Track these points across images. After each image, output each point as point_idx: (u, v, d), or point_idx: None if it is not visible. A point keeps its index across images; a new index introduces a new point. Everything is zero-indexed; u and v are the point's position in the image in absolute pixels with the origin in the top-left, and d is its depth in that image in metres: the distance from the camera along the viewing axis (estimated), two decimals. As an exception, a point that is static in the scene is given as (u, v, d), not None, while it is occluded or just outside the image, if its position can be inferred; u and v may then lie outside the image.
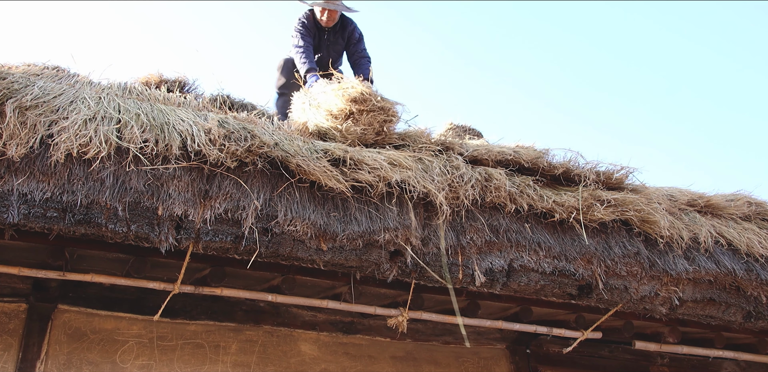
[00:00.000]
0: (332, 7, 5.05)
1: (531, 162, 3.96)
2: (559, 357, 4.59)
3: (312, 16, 5.16)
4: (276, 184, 3.17)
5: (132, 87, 3.98)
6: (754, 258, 4.02)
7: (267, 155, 3.20)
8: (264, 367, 3.86)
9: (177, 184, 2.97)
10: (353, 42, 5.26)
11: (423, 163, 3.58)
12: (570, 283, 3.63)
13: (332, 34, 5.24)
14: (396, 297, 3.86)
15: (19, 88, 3.13)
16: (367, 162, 3.35)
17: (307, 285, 3.75)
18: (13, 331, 3.45)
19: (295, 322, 4.06)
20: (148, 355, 3.64)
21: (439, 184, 3.43)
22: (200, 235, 3.00)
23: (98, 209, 2.83)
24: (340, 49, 5.32)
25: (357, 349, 4.17)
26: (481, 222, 3.48)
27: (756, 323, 4.12)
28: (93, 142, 2.90)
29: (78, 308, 3.62)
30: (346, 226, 3.17)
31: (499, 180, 3.65)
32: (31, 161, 2.80)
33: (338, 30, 5.25)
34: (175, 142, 3.06)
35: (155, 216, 2.91)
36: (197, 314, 3.84)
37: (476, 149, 3.94)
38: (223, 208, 3.00)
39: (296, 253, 3.15)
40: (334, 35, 5.24)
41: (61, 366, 3.45)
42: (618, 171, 4.14)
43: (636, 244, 3.75)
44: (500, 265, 3.46)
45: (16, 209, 2.74)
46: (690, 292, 3.85)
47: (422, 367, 4.26)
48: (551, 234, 3.64)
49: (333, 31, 5.23)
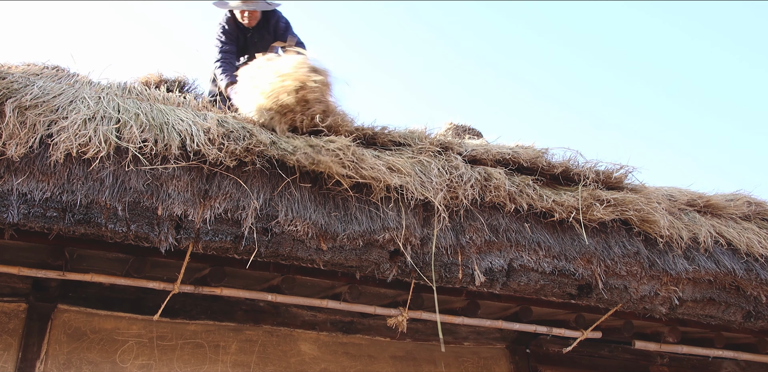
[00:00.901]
0: (251, 8, 4.82)
1: (530, 161, 3.96)
2: (558, 357, 4.59)
3: (233, 19, 4.93)
4: (276, 184, 3.18)
5: (131, 87, 3.98)
6: (753, 258, 4.02)
7: (264, 154, 3.19)
8: (264, 366, 3.86)
9: (176, 183, 2.97)
10: (281, 32, 4.99)
11: (422, 164, 3.57)
12: (570, 282, 3.64)
13: (257, 31, 5.01)
14: (396, 297, 3.86)
15: (19, 87, 3.13)
16: (368, 164, 3.34)
17: (307, 285, 3.76)
18: (12, 331, 3.45)
19: (295, 322, 4.06)
20: (148, 355, 3.64)
21: (437, 186, 3.43)
22: (200, 235, 3.01)
23: (98, 209, 2.84)
24: (268, 45, 5.01)
25: (357, 348, 4.17)
26: (481, 221, 3.48)
27: (756, 323, 4.12)
28: (92, 142, 2.91)
29: (78, 308, 3.62)
30: (347, 225, 3.17)
31: (498, 179, 3.65)
32: (31, 161, 2.80)
33: (263, 26, 5.02)
34: (174, 142, 3.06)
35: (155, 216, 2.92)
36: (197, 314, 3.84)
37: (475, 149, 3.94)
38: (223, 208, 3.00)
39: (296, 252, 3.16)
40: (259, 32, 5.01)
41: (61, 366, 3.45)
42: (617, 170, 4.14)
43: (636, 244, 3.75)
44: (500, 264, 3.46)
45: (16, 209, 2.74)
46: (690, 292, 3.85)
47: (422, 367, 4.26)
48: (551, 233, 3.64)
49: (258, 29, 5.01)
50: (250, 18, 4.89)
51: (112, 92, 3.57)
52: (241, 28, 5.00)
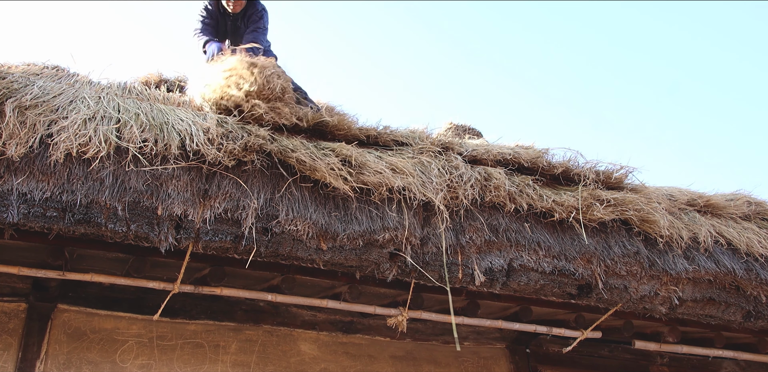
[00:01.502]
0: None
1: (530, 161, 3.96)
2: (558, 356, 4.59)
3: (217, 3, 4.94)
4: (276, 184, 3.18)
5: (131, 87, 3.98)
6: (753, 257, 4.02)
7: (263, 149, 3.19)
8: (264, 366, 3.86)
9: (176, 183, 2.97)
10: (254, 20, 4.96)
11: (422, 165, 3.57)
12: (570, 282, 3.63)
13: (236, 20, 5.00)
14: (396, 296, 3.86)
15: (19, 87, 3.14)
16: (370, 166, 3.34)
17: (307, 284, 3.76)
18: (12, 331, 3.45)
19: (295, 322, 4.06)
20: (148, 355, 3.64)
21: (437, 186, 3.43)
22: (200, 235, 3.01)
23: (98, 209, 2.84)
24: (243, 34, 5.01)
25: (357, 348, 4.17)
26: (481, 221, 3.48)
27: (756, 323, 4.12)
28: (92, 142, 2.91)
29: (78, 308, 3.62)
30: (347, 225, 3.17)
31: (498, 179, 3.65)
32: (31, 161, 2.80)
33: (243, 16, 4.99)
34: (174, 142, 3.06)
35: (155, 216, 2.92)
36: (197, 314, 3.84)
37: (475, 149, 3.94)
38: (223, 208, 3.00)
39: (296, 252, 3.15)
40: (239, 21, 5.00)
41: (61, 365, 3.45)
42: (617, 170, 4.15)
43: (636, 244, 3.75)
44: (500, 264, 3.46)
45: (16, 209, 2.74)
46: (689, 292, 3.85)
47: (422, 367, 4.26)
48: (551, 233, 3.64)
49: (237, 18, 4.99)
50: (235, 4, 4.86)
51: (112, 92, 3.58)
52: (223, 12, 4.97)
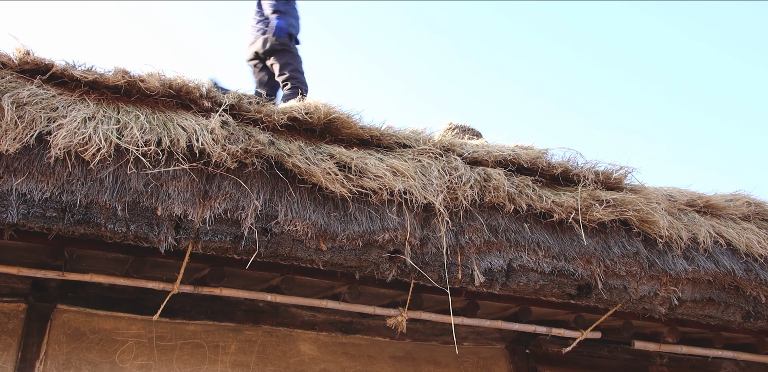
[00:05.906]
0: None
1: (530, 162, 3.96)
2: (558, 357, 4.59)
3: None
4: (276, 184, 3.17)
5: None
6: (753, 258, 4.02)
7: (262, 154, 3.19)
8: (263, 367, 3.86)
9: (176, 184, 2.96)
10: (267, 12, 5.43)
11: (423, 167, 3.57)
12: (569, 283, 3.64)
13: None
14: (395, 297, 3.86)
15: (18, 86, 3.12)
16: (371, 170, 3.33)
17: (307, 285, 3.76)
18: (12, 331, 3.45)
19: (295, 322, 4.06)
20: (147, 355, 3.64)
21: (437, 187, 3.42)
22: (199, 235, 3.00)
23: (97, 209, 2.83)
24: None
25: (356, 349, 4.17)
26: (480, 222, 3.48)
27: (755, 323, 4.12)
28: (92, 141, 2.90)
29: (77, 308, 3.62)
30: (347, 226, 3.17)
31: (497, 180, 3.65)
32: (30, 161, 2.79)
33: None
34: (175, 143, 3.05)
35: (154, 216, 2.91)
36: (196, 314, 3.84)
37: (475, 150, 3.94)
38: (223, 208, 3.00)
39: (295, 253, 3.15)
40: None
41: (60, 366, 3.45)
42: (617, 171, 4.14)
43: (635, 244, 3.75)
44: (499, 264, 3.46)
45: (15, 209, 2.73)
46: (689, 292, 3.85)
47: (421, 367, 4.26)
48: (550, 234, 3.64)
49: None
50: None
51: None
52: None
